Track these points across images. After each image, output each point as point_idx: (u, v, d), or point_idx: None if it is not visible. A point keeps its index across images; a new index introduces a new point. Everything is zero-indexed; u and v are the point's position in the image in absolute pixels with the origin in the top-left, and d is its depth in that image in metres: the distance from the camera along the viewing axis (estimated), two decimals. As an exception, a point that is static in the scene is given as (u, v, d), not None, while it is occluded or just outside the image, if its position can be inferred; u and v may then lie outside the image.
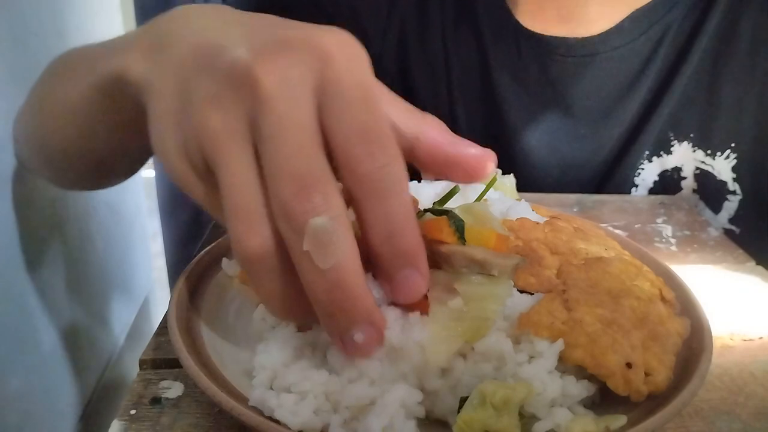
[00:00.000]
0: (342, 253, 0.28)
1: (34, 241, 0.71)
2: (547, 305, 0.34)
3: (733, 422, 0.35)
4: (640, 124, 0.66)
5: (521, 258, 0.36)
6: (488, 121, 0.69)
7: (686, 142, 0.66)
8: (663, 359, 0.33)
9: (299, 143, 0.28)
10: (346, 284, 0.28)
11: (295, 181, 0.28)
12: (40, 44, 0.72)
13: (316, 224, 0.27)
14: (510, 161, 0.68)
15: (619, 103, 0.65)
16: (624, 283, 0.36)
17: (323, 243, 0.27)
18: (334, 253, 0.27)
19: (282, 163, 0.28)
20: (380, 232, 0.29)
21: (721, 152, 0.65)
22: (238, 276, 0.43)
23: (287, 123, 0.28)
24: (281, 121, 0.28)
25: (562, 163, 0.68)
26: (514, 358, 0.32)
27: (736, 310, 0.46)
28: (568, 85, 0.65)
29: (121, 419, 0.34)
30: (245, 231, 0.28)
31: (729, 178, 0.65)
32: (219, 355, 0.36)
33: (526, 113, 0.67)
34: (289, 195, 0.27)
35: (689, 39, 0.63)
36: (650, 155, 0.67)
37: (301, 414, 0.30)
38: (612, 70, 0.64)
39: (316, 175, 0.28)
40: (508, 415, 0.30)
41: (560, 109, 0.66)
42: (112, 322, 0.98)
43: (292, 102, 0.29)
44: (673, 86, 0.64)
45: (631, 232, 0.58)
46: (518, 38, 0.66)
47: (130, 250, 1.09)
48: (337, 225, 0.28)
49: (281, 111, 0.28)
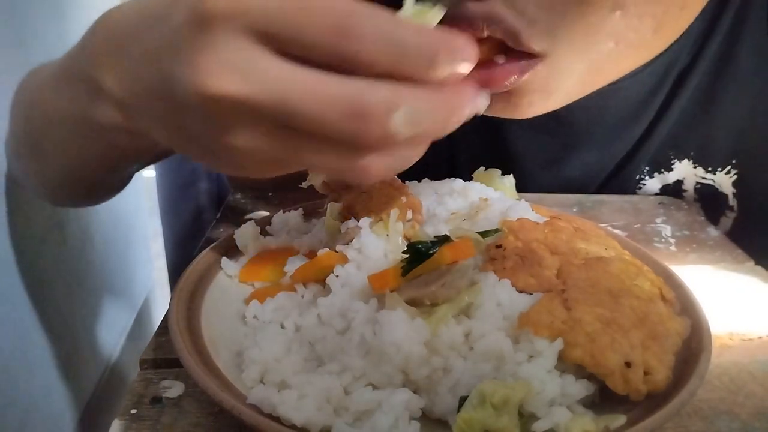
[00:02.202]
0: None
1: (34, 241, 0.71)
2: (546, 304, 0.34)
3: (732, 422, 0.35)
4: (639, 145, 0.66)
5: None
6: (488, 145, 0.69)
7: (686, 160, 0.66)
8: (662, 359, 0.33)
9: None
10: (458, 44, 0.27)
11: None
12: (40, 44, 0.72)
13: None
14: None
15: (623, 132, 0.65)
16: (624, 283, 0.37)
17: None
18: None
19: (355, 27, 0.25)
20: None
21: (722, 168, 0.64)
22: (239, 276, 0.43)
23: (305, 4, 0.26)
24: (296, 8, 0.26)
25: (564, 185, 0.68)
26: (513, 358, 0.32)
27: (735, 309, 0.46)
28: (573, 116, 0.64)
29: (121, 419, 0.34)
30: (365, 121, 0.26)
31: (730, 192, 0.65)
32: (219, 354, 0.36)
33: (529, 142, 0.67)
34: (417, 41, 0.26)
35: (690, 65, 0.62)
36: (651, 171, 0.67)
37: (304, 410, 0.30)
38: (618, 100, 0.63)
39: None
40: (507, 414, 0.30)
41: (564, 137, 0.66)
42: (112, 321, 0.98)
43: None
44: (671, 108, 0.63)
45: (630, 232, 0.58)
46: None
47: (130, 250, 1.09)
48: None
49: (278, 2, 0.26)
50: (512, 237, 0.39)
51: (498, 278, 0.36)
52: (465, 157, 0.70)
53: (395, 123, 0.26)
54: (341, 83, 0.26)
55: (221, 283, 0.42)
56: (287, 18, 0.26)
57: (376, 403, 0.31)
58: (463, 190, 0.46)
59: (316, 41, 0.26)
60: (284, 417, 0.30)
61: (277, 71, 0.26)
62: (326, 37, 0.26)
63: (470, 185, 0.47)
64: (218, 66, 0.26)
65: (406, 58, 0.26)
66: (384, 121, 0.26)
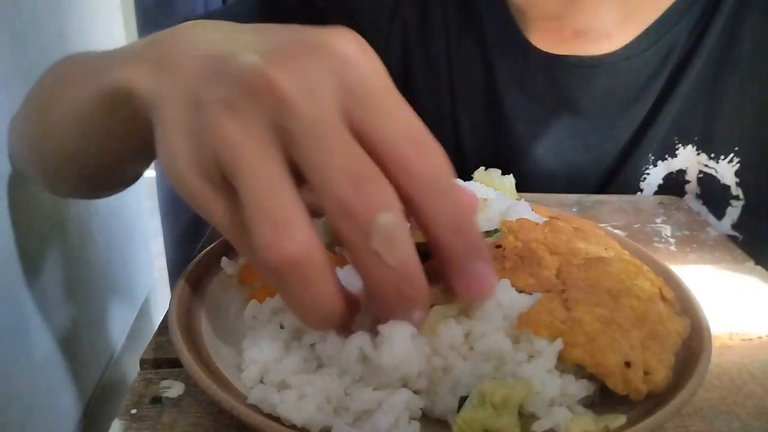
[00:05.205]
0: (408, 246, 0.27)
1: (35, 241, 0.71)
2: (546, 304, 0.34)
3: (732, 422, 0.35)
4: (644, 129, 0.66)
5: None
6: (493, 131, 0.69)
7: (690, 146, 0.66)
8: (662, 358, 0.33)
9: (341, 139, 0.27)
10: (414, 276, 0.28)
11: (350, 178, 0.26)
12: (40, 44, 0.73)
13: (385, 221, 0.26)
14: (516, 170, 0.68)
15: (626, 112, 0.65)
16: (624, 283, 0.37)
17: (391, 240, 0.27)
18: (402, 247, 0.27)
19: (329, 161, 0.27)
20: (448, 227, 0.28)
21: (725, 156, 0.65)
22: (238, 275, 0.43)
23: (320, 122, 0.27)
24: (313, 121, 0.27)
25: (569, 171, 0.68)
26: (513, 358, 0.32)
27: (735, 309, 0.46)
28: (576, 95, 0.65)
29: (121, 419, 0.34)
30: (278, 236, 0.27)
31: (732, 182, 0.65)
32: (219, 354, 0.36)
33: (533, 123, 0.67)
34: (348, 192, 0.26)
35: (693, 47, 0.63)
36: (655, 159, 0.67)
37: (304, 410, 0.30)
38: (621, 80, 0.64)
39: (369, 170, 0.27)
40: (507, 414, 0.30)
41: (568, 118, 0.66)
42: (112, 321, 0.98)
43: (318, 102, 0.27)
44: (676, 92, 0.64)
45: (630, 232, 0.58)
46: (525, 51, 0.66)
47: (130, 250, 1.10)
48: (400, 219, 0.27)
49: (310, 111, 0.27)
50: (512, 237, 0.39)
51: (497, 278, 0.36)
52: (471, 146, 0.70)
53: (379, 221, 0.26)
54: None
55: (221, 283, 0.42)
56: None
57: (376, 403, 0.31)
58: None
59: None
60: (284, 417, 0.30)
61: (327, 109, 0.28)
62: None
63: (470, 185, 0.47)
64: (291, 73, 0.28)
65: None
66: (373, 210, 0.26)
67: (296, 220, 0.27)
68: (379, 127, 0.28)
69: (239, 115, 0.28)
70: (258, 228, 0.27)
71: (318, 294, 0.28)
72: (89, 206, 0.88)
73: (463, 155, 0.70)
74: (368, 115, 0.28)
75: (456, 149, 0.70)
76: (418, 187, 0.28)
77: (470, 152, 0.70)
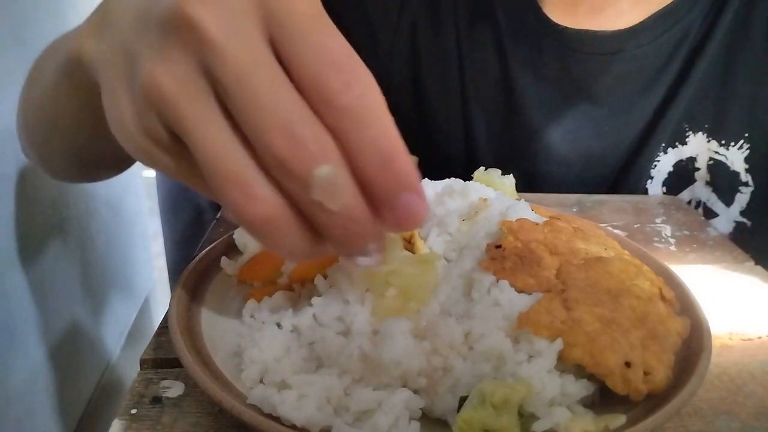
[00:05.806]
0: (349, 191, 0.27)
1: (35, 241, 0.71)
2: (546, 304, 0.34)
3: (732, 421, 0.35)
4: (658, 116, 0.66)
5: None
6: (506, 119, 0.69)
7: (701, 133, 0.66)
8: (662, 358, 0.33)
9: (270, 86, 0.26)
10: (358, 216, 0.28)
11: (283, 132, 0.26)
12: (40, 44, 0.73)
13: (322, 175, 0.26)
14: (531, 159, 0.68)
15: (640, 98, 0.66)
16: (623, 283, 0.37)
17: (331, 189, 0.27)
18: (342, 193, 0.27)
19: (261, 114, 0.26)
20: (372, 160, 0.27)
21: (735, 142, 0.65)
22: (238, 275, 0.43)
23: (248, 65, 0.26)
24: (241, 65, 0.26)
25: (584, 158, 0.68)
26: (513, 358, 0.32)
27: (735, 309, 0.46)
28: (591, 82, 0.65)
29: (121, 419, 0.34)
30: (244, 197, 0.27)
31: (742, 168, 0.65)
32: (219, 354, 0.36)
33: (547, 110, 0.67)
34: (283, 149, 0.26)
35: (706, 34, 0.63)
36: (665, 147, 0.67)
37: (304, 410, 0.30)
38: (635, 67, 0.64)
39: (303, 120, 0.26)
40: (507, 414, 0.30)
41: (583, 105, 0.66)
42: (112, 321, 0.98)
43: (243, 39, 0.27)
44: (689, 79, 0.64)
45: (630, 232, 0.58)
46: (541, 35, 0.65)
47: (130, 250, 1.10)
48: (339, 167, 0.27)
49: (235, 51, 0.26)
50: (512, 237, 0.39)
51: (497, 278, 0.36)
52: (483, 135, 0.70)
53: (317, 174, 0.26)
54: (300, 104, 0.27)
55: (221, 283, 0.42)
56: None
57: (376, 403, 0.31)
58: (463, 190, 0.46)
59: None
60: (284, 417, 0.30)
61: (253, 47, 0.27)
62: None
63: (470, 185, 0.47)
64: (212, 8, 0.27)
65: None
66: (309, 164, 0.26)
67: (253, 175, 0.27)
68: (302, 57, 0.27)
69: (168, 62, 0.27)
70: (221, 192, 0.27)
71: (293, 238, 0.28)
72: (89, 207, 0.88)
73: (475, 146, 0.70)
74: (292, 45, 0.27)
75: (467, 141, 0.70)
76: (340, 119, 0.27)
77: (483, 142, 0.70)
